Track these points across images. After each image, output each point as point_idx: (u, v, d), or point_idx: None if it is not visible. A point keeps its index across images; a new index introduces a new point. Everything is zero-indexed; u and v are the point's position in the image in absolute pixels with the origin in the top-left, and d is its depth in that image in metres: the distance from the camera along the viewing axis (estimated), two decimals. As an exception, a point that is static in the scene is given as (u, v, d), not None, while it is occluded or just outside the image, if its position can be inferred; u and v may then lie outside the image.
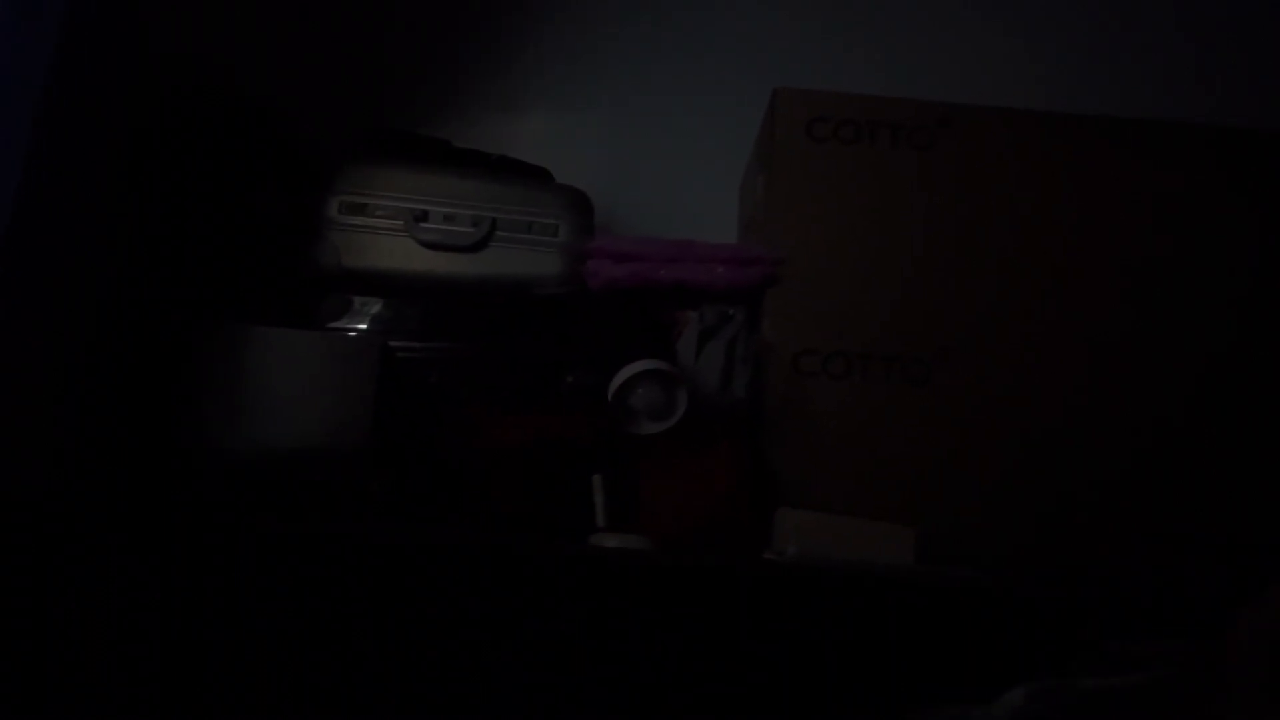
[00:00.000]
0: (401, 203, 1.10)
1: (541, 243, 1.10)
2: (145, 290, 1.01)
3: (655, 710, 0.80)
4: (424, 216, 1.10)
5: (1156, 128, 1.09)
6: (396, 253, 1.10)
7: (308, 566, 0.80)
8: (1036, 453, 1.03)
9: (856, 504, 1.00)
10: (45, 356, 0.91)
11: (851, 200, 1.08)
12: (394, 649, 0.79)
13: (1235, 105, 1.20)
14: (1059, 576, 0.92)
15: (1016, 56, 1.38)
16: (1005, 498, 1.02)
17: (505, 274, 1.09)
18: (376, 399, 0.94)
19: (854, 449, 1.04)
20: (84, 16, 0.90)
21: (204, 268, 1.04)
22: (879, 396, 1.04)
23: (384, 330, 1.06)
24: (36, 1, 0.86)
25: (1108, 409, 1.03)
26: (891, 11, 1.37)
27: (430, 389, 1.04)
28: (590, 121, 1.34)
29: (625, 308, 1.09)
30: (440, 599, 0.83)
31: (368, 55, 1.32)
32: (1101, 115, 1.10)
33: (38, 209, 0.85)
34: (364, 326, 1.07)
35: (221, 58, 1.12)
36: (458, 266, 1.09)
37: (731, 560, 0.94)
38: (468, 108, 1.32)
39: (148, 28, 1.03)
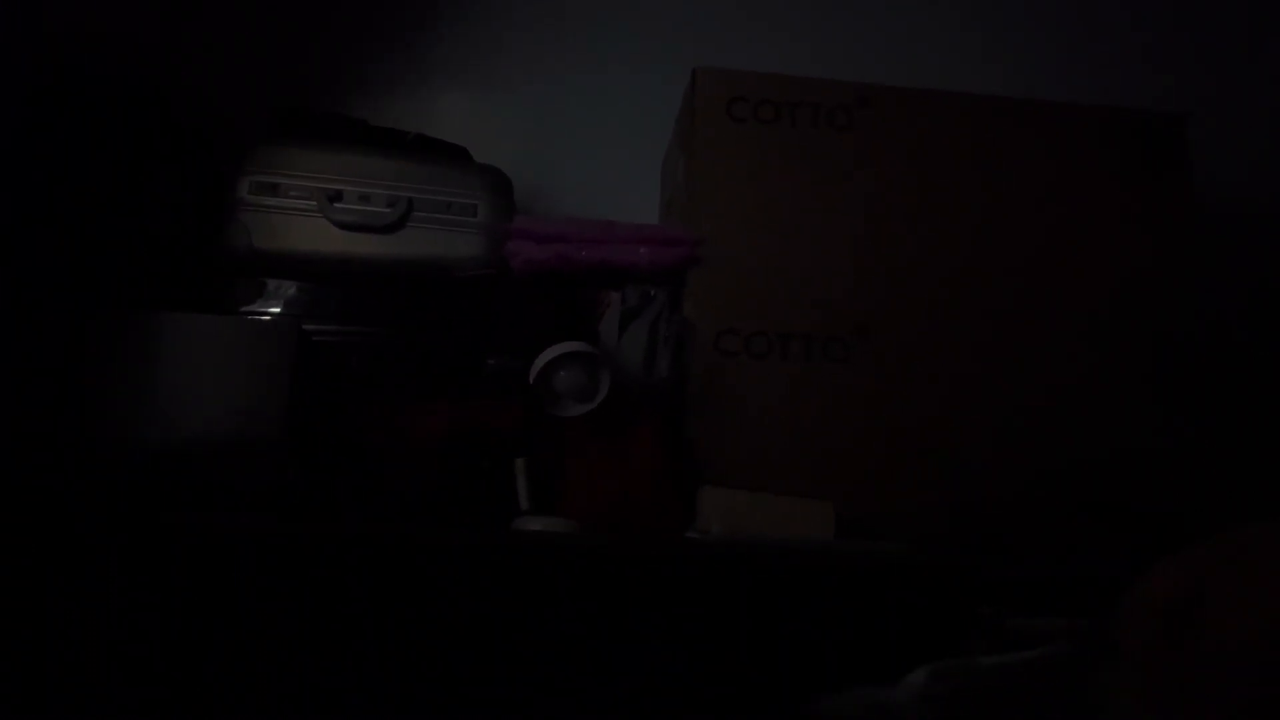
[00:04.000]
0: (315, 183, 1.07)
1: (460, 223, 1.08)
2: (47, 277, 0.96)
3: (579, 693, 0.80)
4: (338, 197, 1.07)
5: (1065, 110, 1.12)
6: (311, 234, 1.07)
7: (218, 561, 0.78)
8: (952, 429, 1.05)
9: (779, 482, 1.01)
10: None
11: (771, 180, 1.08)
12: (308, 643, 0.77)
13: (1136, 89, 1.23)
14: (973, 551, 0.94)
15: (935, 37, 1.40)
16: (923, 474, 1.04)
17: (423, 255, 1.07)
18: (291, 385, 0.92)
19: (775, 427, 1.04)
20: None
21: (108, 252, 1.00)
22: (799, 375, 1.05)
23: (299, 314, 1.03)
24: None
25: (1018, 385, 1.06)
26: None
27: (347, 374, 1.02)
28: (510, 100, 1.32)
29: (546, 289, 1.08)
30: (359, 591, 0.81)
31: (279, 31, 1.28)
32: (1014, 97, 1.12)
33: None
34: (278, 310, 1.05)
35: (123, 36, 1.07)
36: (374, 248, 1.07)
37: (654, 541, 0.94)
38: (383, 85, 1.29)
39: (43, 7, 0.98)
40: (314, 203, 1.07)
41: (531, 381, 0.99)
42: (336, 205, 1.07)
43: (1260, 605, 0.42)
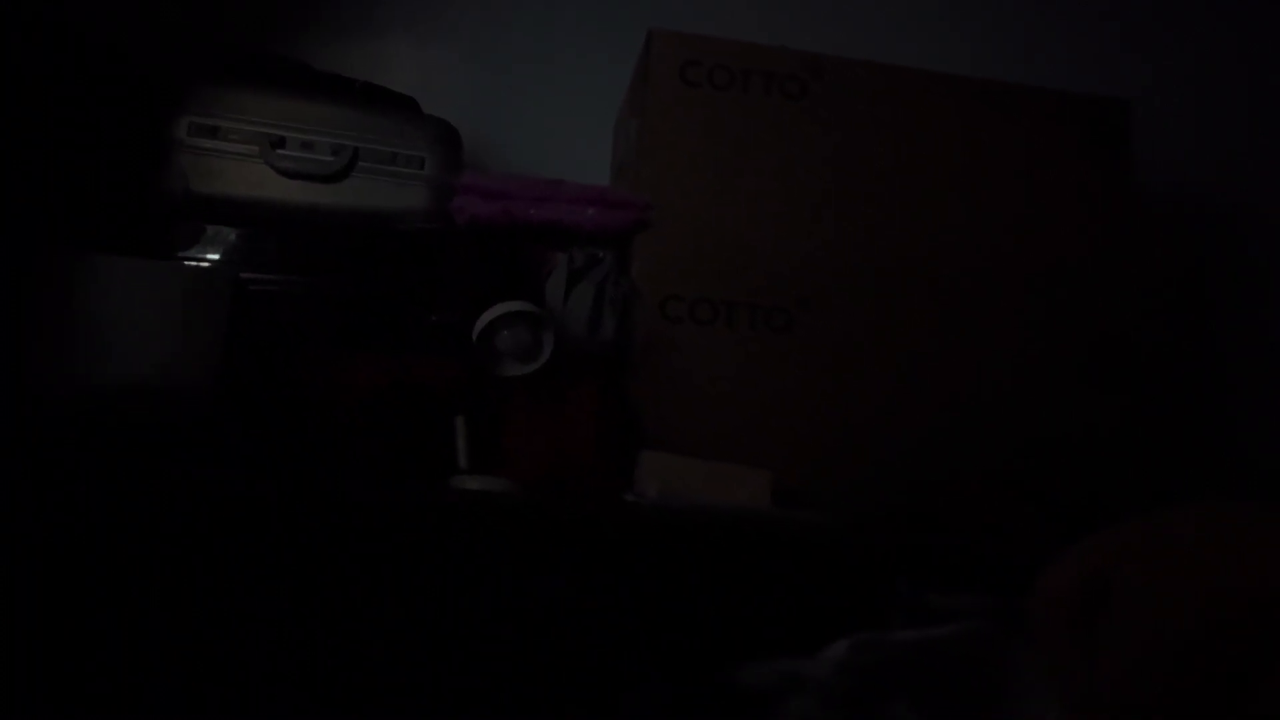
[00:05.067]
0: (257, 127, 1.05)
1: (406, 175, 1.06)
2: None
3: (513, 653, 0.80)
4: (281, 143, 1.05)
5: (1013, 90, 1.13)
6: (251, 180, 1.04)
7: (147, 511, 0.77)
8: (889, 405, 1.07)
9: (719, 448, 1.02)
10: None
11: (722, 147, 1.08)
12: (238, 600, 0.77)
13: (1085, 72, 1.25)
14: (903, 526, 0.96)
15: (892, 10, 1.40)
16: (860, 447, 1.06)
17: (367, 206, 1.05)
18: (228, 334, 0.90)
19: (718, 394, 1.05)
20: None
21: (39, 191, 0.97)
22: (742, 343, 1.06)
23: (237, 261, 1.01)
24: None
25: (957, 364, 1.08)
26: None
27: (286, 325, 1.00)
28: (462, 53, 1.30)
29: (492, 246, 1.07)
30: (292, 547, 0.81)
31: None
32: (964, 75, 1.12)
33: None
34: (216, 257, 1.02)
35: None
36: (316, 197, 1.05)
37: (590, 502, 0.95)
38: (332, 31, 1.26)
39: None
40: (255, 148, 1.04)
41: (474, 339, 0.99)
42: (279, 151, 1.04)
43: (1163, 589, 0.44)
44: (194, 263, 1.01)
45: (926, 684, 0.57)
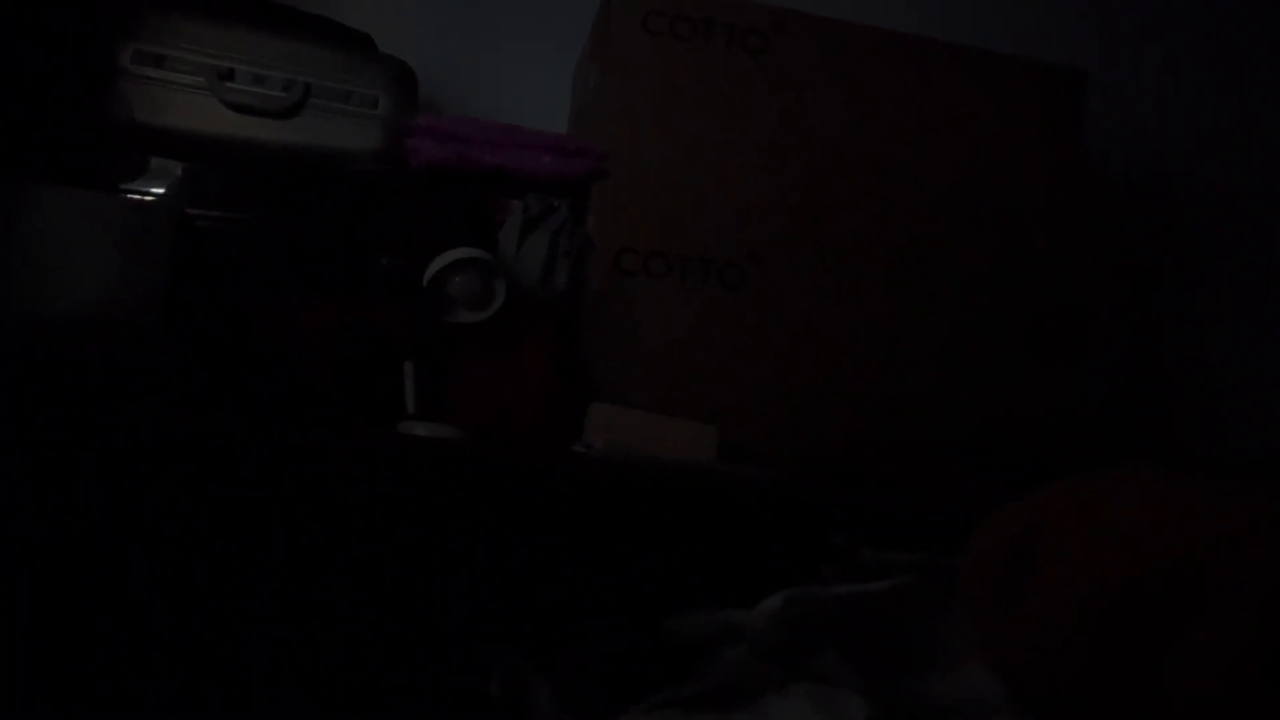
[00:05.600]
0: (205, 58, 1.01)
1: (359, 114, 1.04)
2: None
3: (455, 599, 0.81)
4: (230, 75, 1.02)
5: (974, 55, 1.12)
6: (198, 113, 1.01)
7: (83, 453, 0.75)
8: (837, 364, 1.08)
9: (668, 402, 1.03)
10: None
11: (682, 98, 1.07)
12: (178, 546, 0.76)
13: (1042, 40, 1.25)
14: (844, 481, 0.97)
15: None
16: (807, 405, 1.07)
17: (318, 144, 1.03)
18: (171, 271, 0.88)
19: (669, 349, 1.05)
20: None
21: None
22: (695, 299, 1.06)
23: (182, 196, 0.98)
24: None
25: (905, 326, 1.09)
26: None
27: (232, 264, 0.98)
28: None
29: (446, 191, 1.06)
30: (233, 488, 0.80)
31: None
32: (925, 36, 1.12)
33: None
34: (160, 191, 1.00)
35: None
36: (266, 133, 1.02)
37: (536, 451, 0.95)
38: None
39: None
40: (203, 79, 1.01)
41: (425, 285, 0.98)
42: (228, 84, 1.02)
43: (1085, 552, 0.45)
44: (137, 196, 0.98)
45: (858, 637, 0.58)
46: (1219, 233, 1.45)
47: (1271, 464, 0.48)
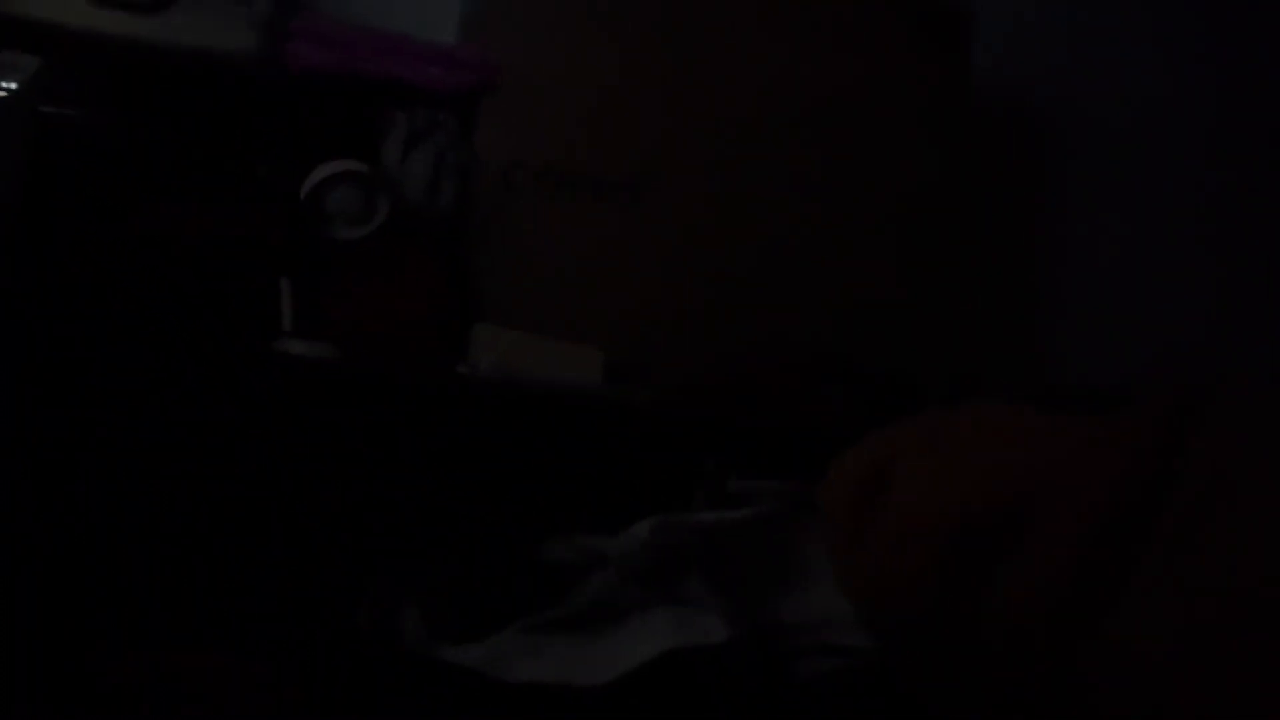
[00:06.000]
0: (62, -57, 0.94)
1: (234, 13, 0.98)
2: None
3: (330, 519, 0.80)
4: (90, -36, 0.95)
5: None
6: (58, 3, 0.95)
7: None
8: (726, 285, 1.08)
9: (556, 324, 1.02)
10: None
11: (578, 11, 1.04)
12: (39, 458, 0.73)
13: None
14: (722, 406, 0.99)
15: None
16: (696, 326, 1.07)
17: (189, 43, 0.97)
18: (25, 172, 0.83)
19: (557, 269, 1.04)
20: None
21: None
22: (585, 217, 1.04)
23: (38, 93, 0.92)
24: None
25: (792, 247, 1.10)
26: None
27: (95, 167, 0.93)
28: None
29: (328, 100, 1.01)
30: (98, 402, 0.77)
31: None
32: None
33: None
34: (14, 86, 0.93)
35: None
36: (132, 28, 0.96)
37: (421, 371, 0.94)
38: None
39: None
40: (60, -34, 0.94)
41: (303, 198, 0.94)
42: (87, -27, 0.95)
43: (929, 481, 0.47)
44: (-13, 91, 0.91)
45: (722, 562, 0.60)
46: (1090, 168, 1.49)
47: (1113, 394, 0.50)
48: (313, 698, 0.67)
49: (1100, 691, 0.41)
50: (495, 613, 0.61)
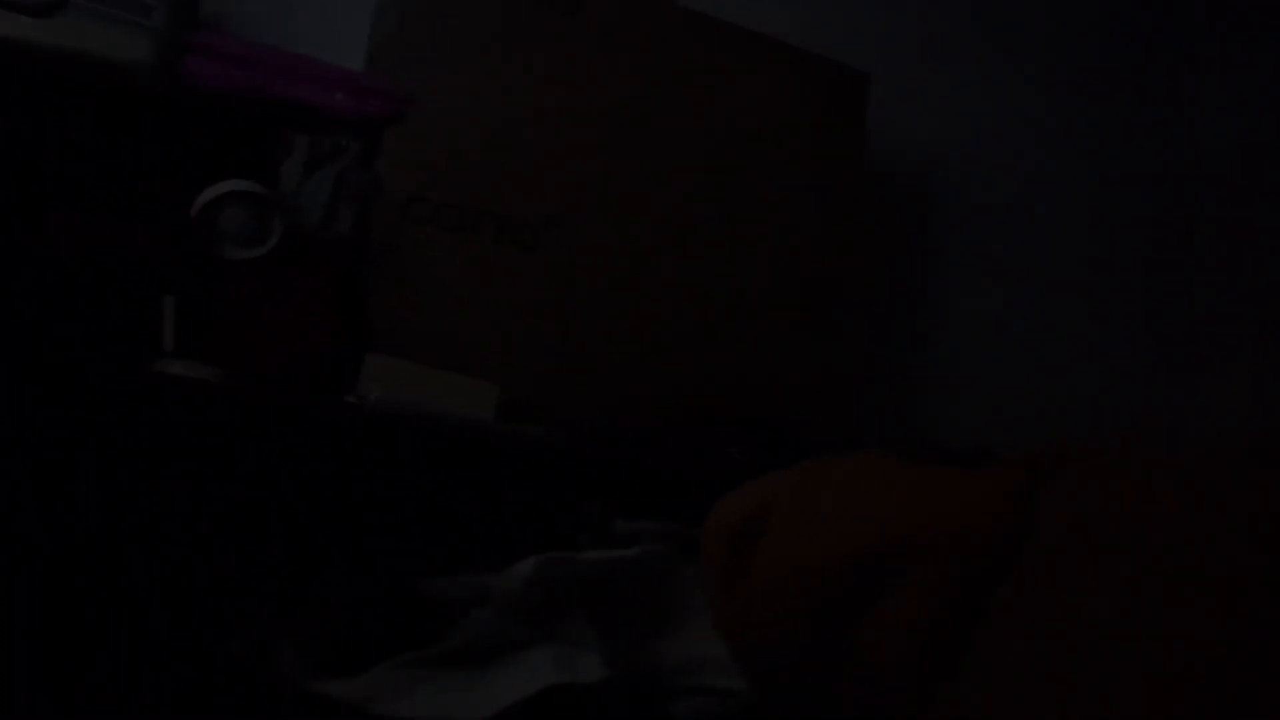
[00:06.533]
0: (-51, -63, 0.90)
1: (130, 23, 0.96)
2: None
3: (203, 551, 0.77)
4: (-21, -39, 0.91)
5: (769, 43, 1.16)
6: (-61, -2, 0.91)
7: None
8: (622, 330, 1.10)
9: (451, 358, 1.02)
10: None
11: (488, 49, 1.05)
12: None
13: (836, 48, 1.30)
14: (612, 446, 0.99)
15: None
16: (589, 371, 1.08)
17: (80, 49, 0.94)
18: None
19: (454, 304, 1.04)
20: None
21: None
22: (485, 256, 1.05)
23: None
24: None
25: (688, 296, 1.12)
26: None
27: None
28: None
29: (226, 118, 0.99)
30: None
31: None
32: (728, 21, 1.15)
33: None
34: (-114, 82, 0.88)
35: None
36: (19, 30, 0.92)
37: (307, 399, 0.92)
38: None
39: None
40: (-55, -39, 0.90)
41: (194, 215, 0.92)
42: (-25, -30, 0.91)
43: (805, 528, 0.49)
44: None
45: (605, 602, 0.60)
46: (971, 233, 1.57)
47: (980, 453, 0.53)
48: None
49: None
50: (375, 647, 0.60)
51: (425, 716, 0.56)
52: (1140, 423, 1.56)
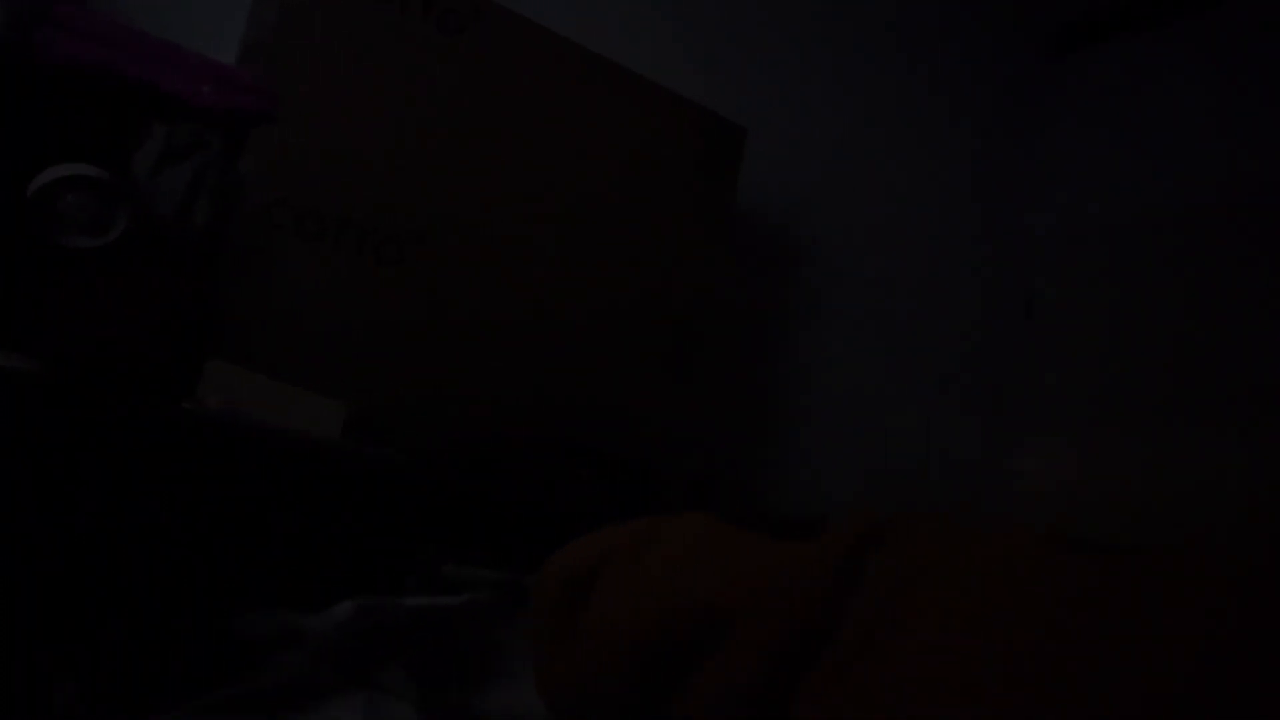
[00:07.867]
0: None
1: (-20, -13, 0.89)
2: None
3: (33, 548, 0.72)
4: None
5: (653, 87, 1.17)
6: None
7: None
8: (484, 355, 1.08)
9: (301, 371, 0.98)
10: None
11: (367, 58, 1.03)
12: None
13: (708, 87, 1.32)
14: (461, 472, 0.97)
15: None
16: (448, 393, 1.06)
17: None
18: None
19: (310, 315, 1.01)
20: None
21: None
22: (346, 268, 1.02)
23: None
24: None
25: (550, 331, 1.11)
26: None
27: None
28: None
29: (79, 97, 0.93)
30: None
31: None
32: (611, 60, 1.15)
33: None
34: None
35: None
36: None
37: (135, 400, 0.86)
38: None
39: None
40: None
41: (29, 197, 0.86)
42: None
43: (630, 589, 0.49)
44: None
45: (426, 650, 0.59)
46: (828, 290, 1.61)
47: (812, 521, 0.54)
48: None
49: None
50: (175, 684, 0.56)
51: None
52: (975, 486, 1.63)
